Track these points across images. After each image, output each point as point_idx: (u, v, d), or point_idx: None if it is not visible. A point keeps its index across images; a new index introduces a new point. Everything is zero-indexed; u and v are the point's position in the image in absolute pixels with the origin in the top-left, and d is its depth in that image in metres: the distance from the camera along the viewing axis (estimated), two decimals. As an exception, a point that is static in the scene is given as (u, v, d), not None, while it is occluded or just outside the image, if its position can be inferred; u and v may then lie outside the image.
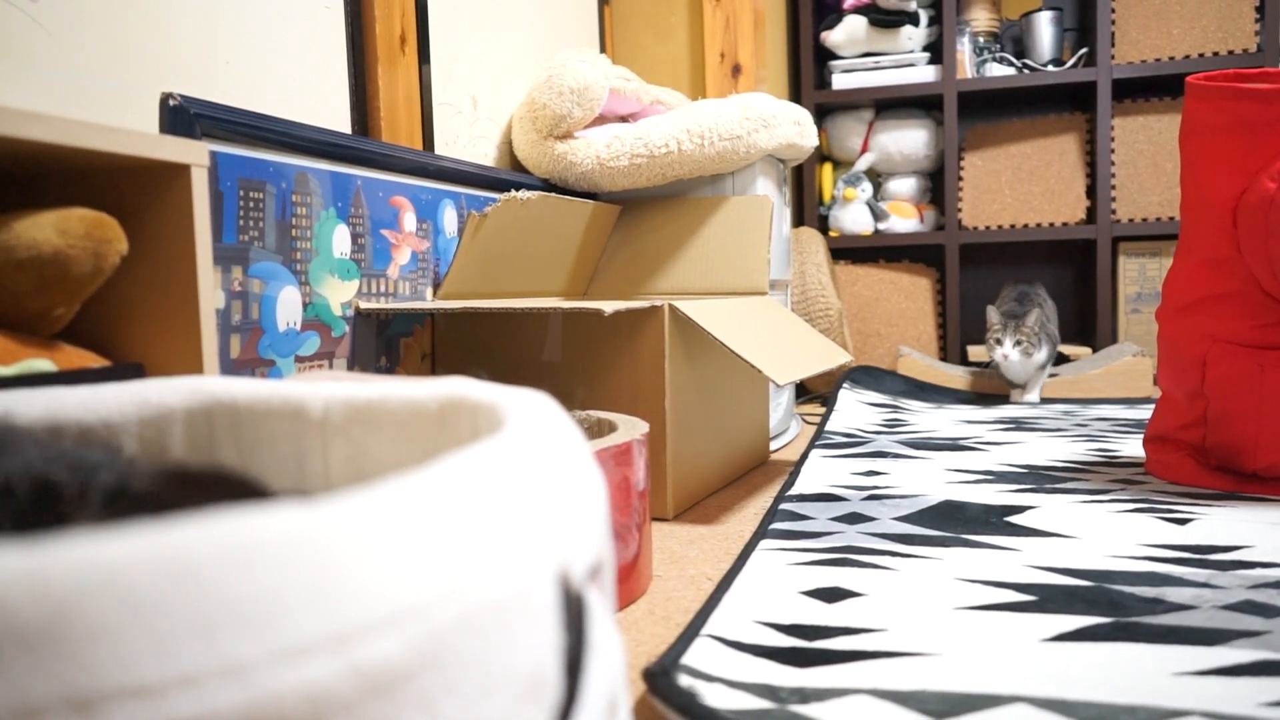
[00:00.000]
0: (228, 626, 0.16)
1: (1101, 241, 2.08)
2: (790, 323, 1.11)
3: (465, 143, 1.26)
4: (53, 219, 0.51)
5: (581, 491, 0.27)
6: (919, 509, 0.89)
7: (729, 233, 1.24)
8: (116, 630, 0.15)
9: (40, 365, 0.52)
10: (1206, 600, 0.61)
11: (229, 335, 0.78)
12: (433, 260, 1.07)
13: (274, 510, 0.18)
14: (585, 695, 0.24)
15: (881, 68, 2.18)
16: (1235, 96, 0.87)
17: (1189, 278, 0.96)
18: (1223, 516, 0.83)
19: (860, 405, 1.64)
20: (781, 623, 0.59)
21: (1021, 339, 1.64)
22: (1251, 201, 0.87)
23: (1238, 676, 0.49)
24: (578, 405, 0.96)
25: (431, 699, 0.19)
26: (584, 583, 0.25)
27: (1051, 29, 2.16)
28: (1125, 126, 2.08)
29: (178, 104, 0.72)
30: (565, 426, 0.30)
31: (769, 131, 1.24)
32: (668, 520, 0.91)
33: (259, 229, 0.81)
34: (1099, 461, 1.12)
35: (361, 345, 0.95)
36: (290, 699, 0.17)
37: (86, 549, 0.16)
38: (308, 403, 0.39)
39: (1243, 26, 1.98)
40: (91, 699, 0.15)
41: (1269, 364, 0.89)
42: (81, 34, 0.71)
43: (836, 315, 1.79)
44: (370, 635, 0.18)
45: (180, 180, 0.58)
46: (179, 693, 0.16)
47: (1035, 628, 0.57)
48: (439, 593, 0.20)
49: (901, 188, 2.27)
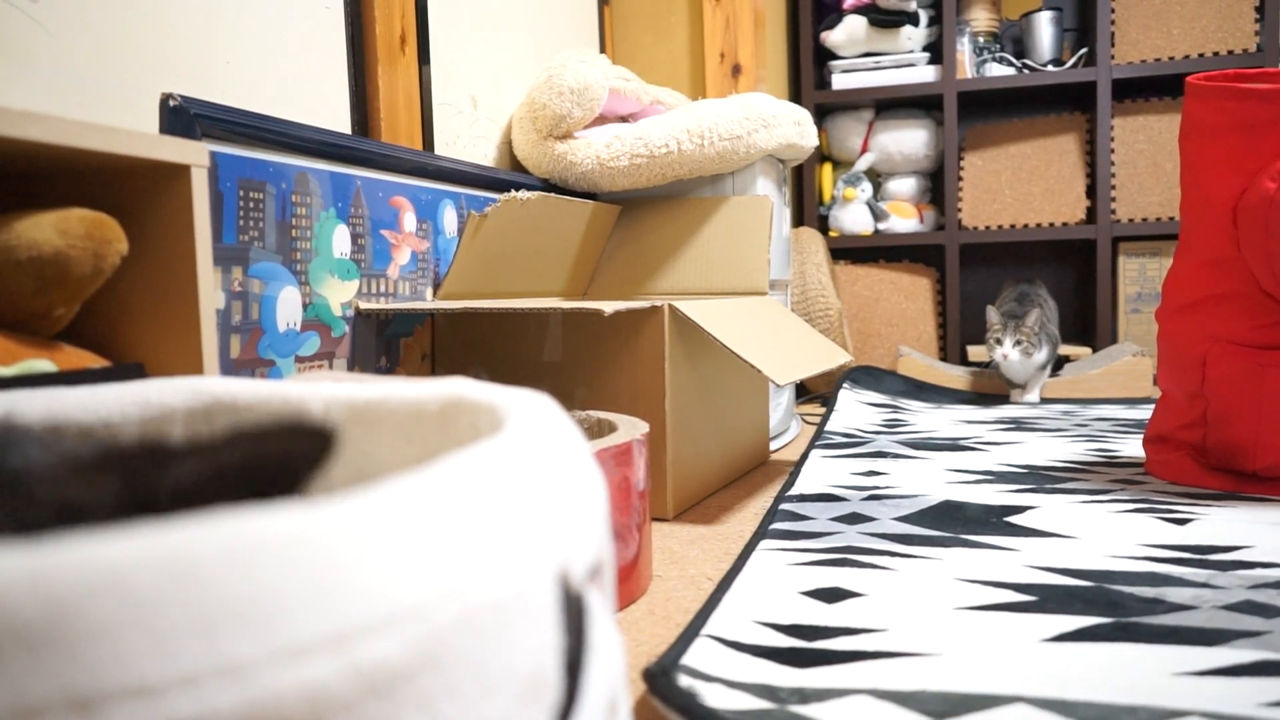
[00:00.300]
0: (228, 626, 0.16)
1: (1101, 241, 2.08)
2: (790, 323, 1.11)
3: (465, 143, 1.26)
4: (53, 219, 0.51)
5: (581, 492, 0.27)
6: (919, 509, 0.89)
7: (729, 233, 1.24)
8: (116, 630, 0.15)
9: (40, 365, 0.52)
10: (1206, 600, 0.61)
11: (229, 335, 0.78)
12: (433, 260, 1.07)
13: (274, 510, 0.18)
14: (585, 695, 0.24)
15: (881, 68, 2.18)
16: (1235, 96, 0.87)
17: (1189, 277, 0.96)
18: (1222, 516, 0.83)
19: (860, 405, 1.64)
20: (781, 623, 0.59)
21: (1021, 339, 1.63)
22: (1251, 201, 0.87)
23: (1238, 677, 0.49)
24: (578, 405, 0.96)
25: (431, 699, 0.19)
26: (584, 583, 0.25)
27: (1051, 29, 2.16)
28: (1125, 126, 2.08)
29: (178, 104, 0.72)
30: (565, 427, 0.30)
31: (769, 131, 1.24)
32: (668, 520, 0.91)
33: (259, 229, 0.81)
34: (1099, 461, 1.12)
35: (361, 345, 0.95)
36: (290, 699, 0.17)
37: (87, 549, 0.16)
38: (308, 403, 0.39)
39: (1242, 27, 1.98)
40: (91, 699, 0.15)
41: (1269, 364, 0.89)
42: (81, 34, 0.71)
43: (836, 315, 1.79)
44: (370, 635, 0.18)
45: (180, 180, 0.58)
46: (179, 693, 0.16)
47: (1035, 628, 0.57)
48: (439, 593, 0.20)
49: (901, 188, 2.27)
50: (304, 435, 0.30)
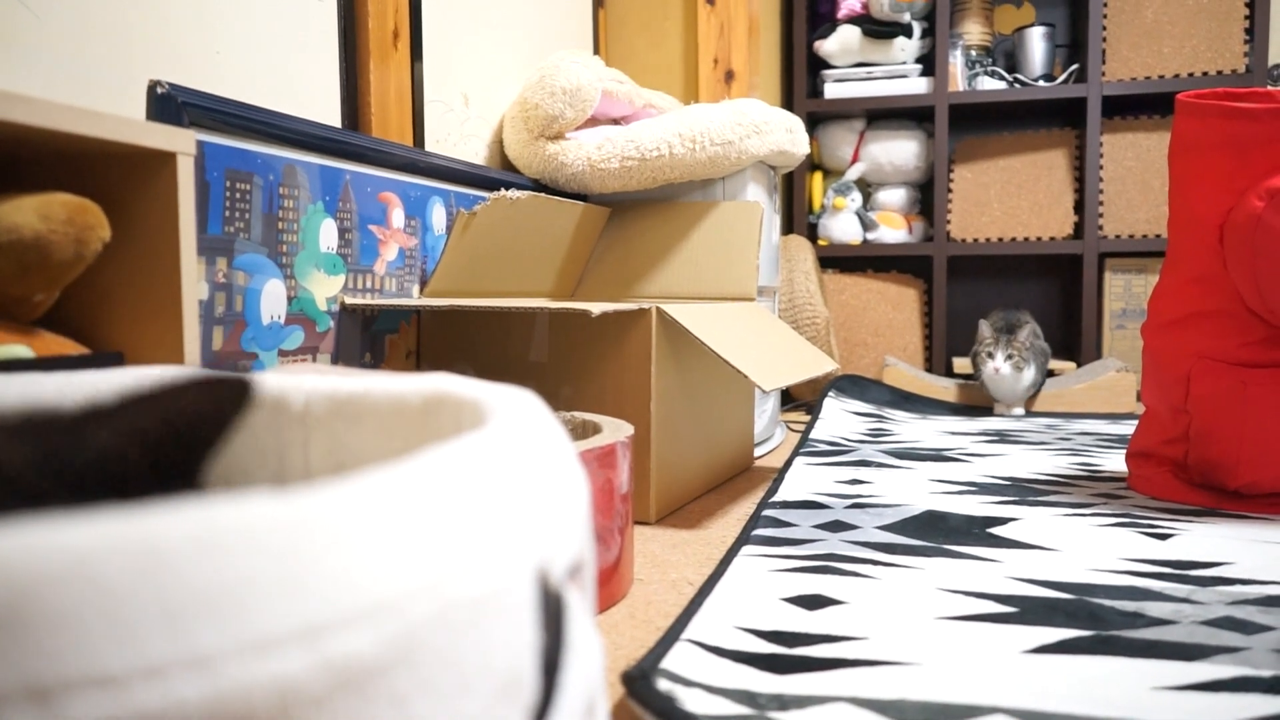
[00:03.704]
0: (195, 616, 0.16)
1: (1088, 257, 2.10)
2: (777, 329, 1.11)
3: (456, 140, 1.26)
4: (34, 203, 0.51)
5: (563, 490, 0.27)
6: (902, 518, 0.89)
7: (718, 238, 1.24)
8: (79, 618, 0.15)
9: (18, 351, 0.51)
10: (1186, 615, 0.61)
11: (212, 327, 0.78)
12: (420, 257, 1.06)
13: (246, 499, 0.18)
14: (562, 695, 0.23)
15: (874, 78, 2.19)
16: (1225, 115, 0.88)
17: (1175, 294, 0.96)
18: (1203, 532, 0.84)
19: (845, 414, 1.64)
20: (762, 629, 0.59)
21: (1014, 353, 1.63)
22: (1238, 220, 0.87)
23: (1217, 692, 0.49)
24: (562, 406, 0.95)
25: (404, 696, 0.19)
26: (563, 582, 0.25)
27: (1043, 44, 2.17)
28: (1114, 143, 2.09)
29: (165, 92, 0.72)
30: (549, 424, 0.29)
31: (761, 138, 1.24)
32: (650, 524, 0.90)
33: (245, 221, 0.80)
34: (1081, 475, 1.12)
35: (346, 341, 0.95)
36: (258, 692, 0.16)
37: (50, 534, 0.15)
38: (289, 395, 0.38)
39: (1232, 47, 2.00)
40: (51, 688, 0.15)
41: (1252, 381, 0.90)
42: (70, 20, 0.71)
43: (824, 324, 1.79)
44: (342, 629, 0.18)
45: (166, 168, 0.57)
46: (143, 683, 0.15)
47: (1016, 639, 0.57)
48: (415, 587, 0.19)
49: (891, 198, 2.27)
50: (220, 385, 0.30)
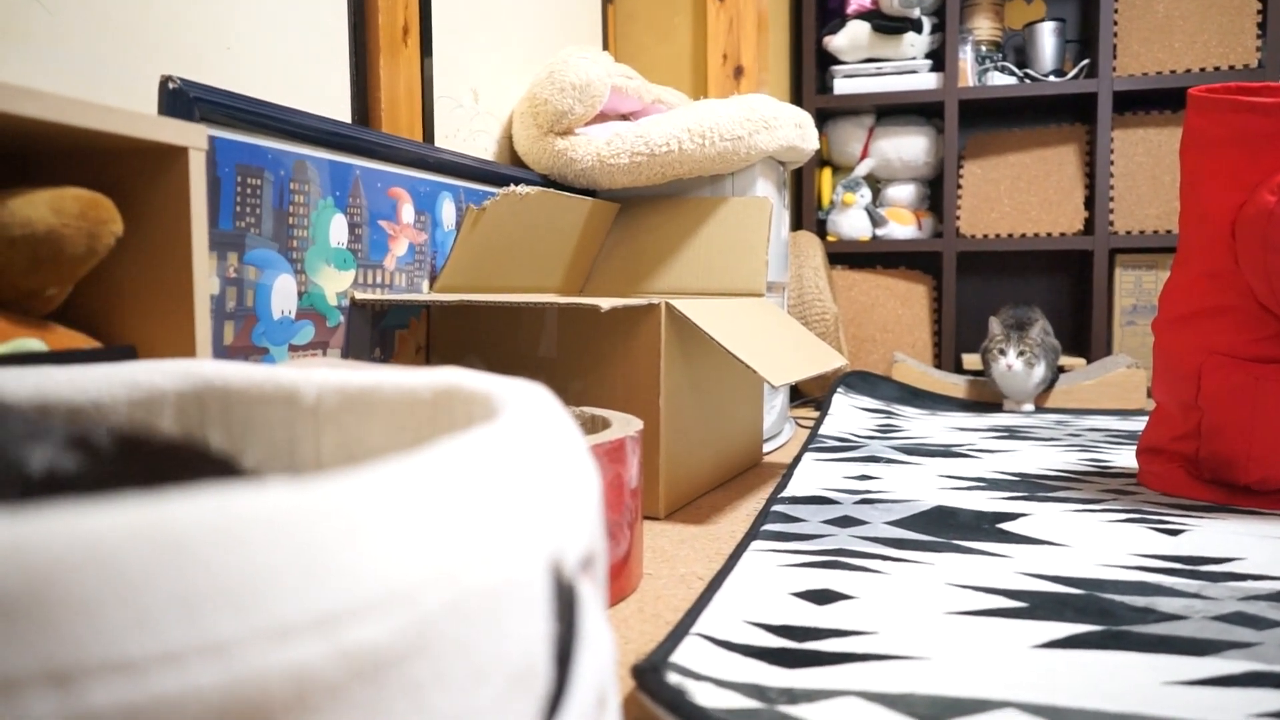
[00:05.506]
0: (213, 603, 0.16)
1: (1098, 253, 2.09)
2: (786, 325, 1.10)
3: (465, 136, 1.26)
4: (48, 197, 0.51)
5: (575, 482, 0.27)
6: (911, 514, 0.89)
7: (727, 234, 1.24)
8: (99, 604, 0.15)
9: (31, 345, 0.51)
10: (1197, 611, 0.61)
11: (223, 322, 0.78)
12: (430, 253, 1.06)
13: (264, 488, 0.18)
14: (575, 686, 0.23)
15: (883, 74, 2.18)
16: (1237, 109, 0.88)
17: (1186, 290, 0.96)
18: (1215, 528, 0.83)
19: (854, 410, 1.64)
20: (771, 623, 0.59)
21: (1025, 349, 1.63)
22: (1250, 215, 0.87)
23: (1229, 687, 0.49)
24: (572, 401, 0.95)
25: (419, 685, 0.19)
26: (576, 573, 0.25)
27: (1054, 40, 2.16)
28: (1125, 139, 2.08)
29: (177, 87, 0.72)
30: (560, 417, 0.29)
31: (770, 133, 1.24)
32: (659, 519, 0.90)
33: (256, 216, 0.81)
34: (1091, 471, 1.12)
35: (356, 336, 0.95)
36: (275, 680, 0.16)
37: (71, 521, 0.15)
38: (300, 388, 0.39)
39: (1244, 41, 1.99)
40: (72, 673, 0.15)
41: (1264, 377, 0.89)
42: (82, 16, 0.71)
43: (833, 320, 1.79)
44: (358, 618, 0.18)
45: (177, 163, 0.57)
46: (161, 669, 0.15)
47: (1025, 634, 0.57)
48: (430, 577, 0.19)
49: (900, 194, 2.27)
50: (206, 463, 0.30)
